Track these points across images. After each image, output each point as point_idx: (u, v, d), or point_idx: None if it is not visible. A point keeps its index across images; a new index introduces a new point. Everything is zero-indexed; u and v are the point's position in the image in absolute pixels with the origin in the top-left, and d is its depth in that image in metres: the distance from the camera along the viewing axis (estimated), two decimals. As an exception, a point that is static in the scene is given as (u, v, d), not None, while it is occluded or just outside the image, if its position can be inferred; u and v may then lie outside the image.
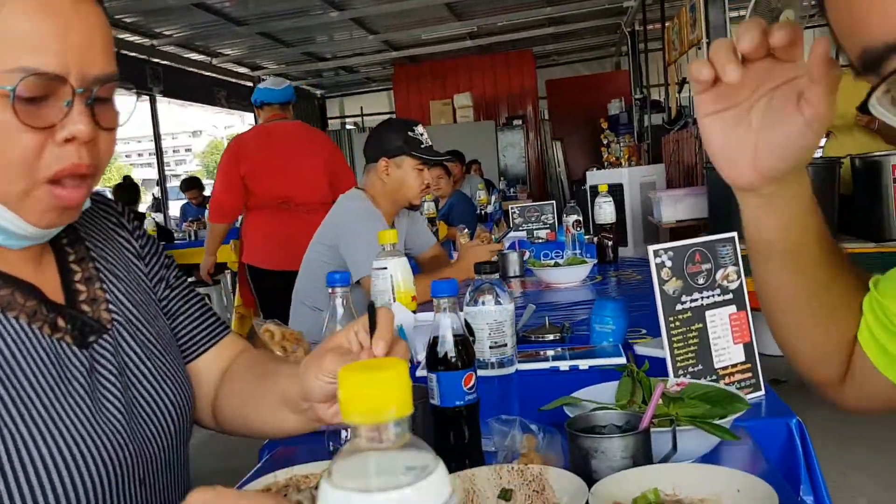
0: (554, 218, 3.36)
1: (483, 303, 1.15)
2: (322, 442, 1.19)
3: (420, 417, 1.10)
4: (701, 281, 1.28)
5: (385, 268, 1.56)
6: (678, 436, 0.99)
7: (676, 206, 5.08)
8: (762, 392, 1.32)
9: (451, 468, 1.03)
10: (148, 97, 8.77)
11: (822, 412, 1.42)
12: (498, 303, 1.16)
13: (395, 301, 1.53)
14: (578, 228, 3.05)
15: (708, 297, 1.29)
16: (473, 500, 0.91)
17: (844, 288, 0.85)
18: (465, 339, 1.04)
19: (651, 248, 1.24)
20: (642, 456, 0.93)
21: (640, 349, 1.35)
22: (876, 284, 0.84)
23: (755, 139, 0.74)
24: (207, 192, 8.93)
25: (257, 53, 10.19)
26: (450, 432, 1.03)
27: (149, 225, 5.83)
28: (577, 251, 3.04)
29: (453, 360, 1.02)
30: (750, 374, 1.31)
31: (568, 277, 2.70)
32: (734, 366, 1.30)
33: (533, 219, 3.35)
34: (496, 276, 1.15)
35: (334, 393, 0.87)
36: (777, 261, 0.83)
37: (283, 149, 4.11)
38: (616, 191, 6.34)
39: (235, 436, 1.11)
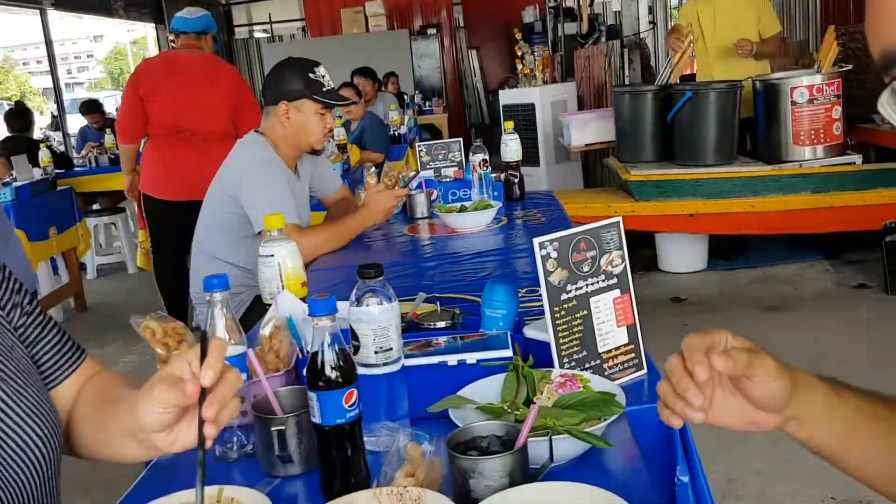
0: (461, 155, 3.33)
1: (367, 305, 1.14)
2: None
3: (305, 431, 1.10)
4: (586, 268, 1.30)
5: (272, 255, 1.52)
6: (554, 444, 1.02)
7: (585, 130, 5.12)
8: (644, 371, 1.36)
9: (335, 483, 1.04)
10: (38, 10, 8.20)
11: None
12: (382, 303, 1.14)
13: (283, 289, 1.50)
14: (485, 167, 3.04)
15: (593, 284, 1.31)
16: (352, 527, 0.92)
17: None
18: (345, 355, 1.03)
19: (536, 241, 1.24)
20: (519, 473, 0.96)
21: (530, 332, 1.37)
22: None
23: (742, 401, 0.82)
24: (111, 116, 8.50)
25: (154, -41, 9.56)
26: (332, 449, 1.03)
27: (44, 156, 5.53)
28: (485, 191, 3.04)
29: (333, 378, 1.01)
30: (633, 355, 1.35)
31: (473, 222, 2.71)
32: (617, 348, 1.33)
33: (440, 156, 3.31)
34: (380, 279, 1.14)
35: (169, 423, 0.87)
36: (843, 455, 0.87)
37: (184, 76, 4.08)
38: (528, 110, 6.36)
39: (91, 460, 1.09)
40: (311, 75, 2.67)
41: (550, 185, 6.23)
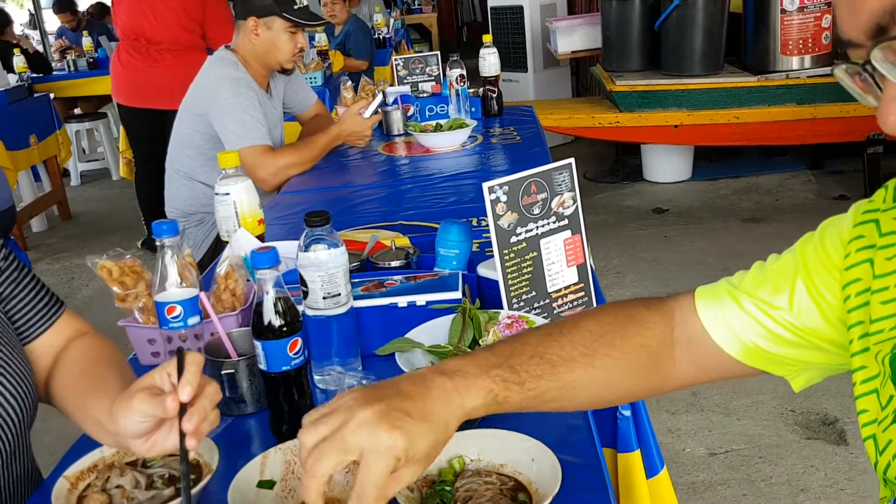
0: (439, 69, 3.28)
1: (315, 251, 1.16)
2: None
3: (256, 373, 1.13)
4: (536, 211, 1.31)
5: (227, 193, 1.52)
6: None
7: (572, 37, 5.01)
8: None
9: (284, 424, 1.09)
10: None
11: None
12: (330, 248, 1.16)
13: (240, 227, 1.51)
14: (462, 83, 3.00)
15: (543, 226, 1.32)
16: (295, 470, 0.97)
17: (595, 376, 0.85)
18: (289, 305, 1.05)
19: (486, 185, 1.25)
20: (454, 419, 1.00)
21: (483, 271, 1.39)
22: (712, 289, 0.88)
23: None
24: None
25: None
26: (279, 393, 1.07)
27: (19, 62, 5.40)
28: (462, 107, 3.01)
29: (277, 328, 1.04)
30: (583, 293, 1.38)
31: (447, 142, 2.70)
32: (567, 287, 1.36)
33: (417, 70, 3.26)
34: (328, 226, 1.15)
35: (146, 431, 0.87)
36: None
37: None
38: (516, 13, 6.20)
39: None
40: None
41: (538, 92, 6.15)
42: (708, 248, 4.14)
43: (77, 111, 6.99)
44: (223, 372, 1.14)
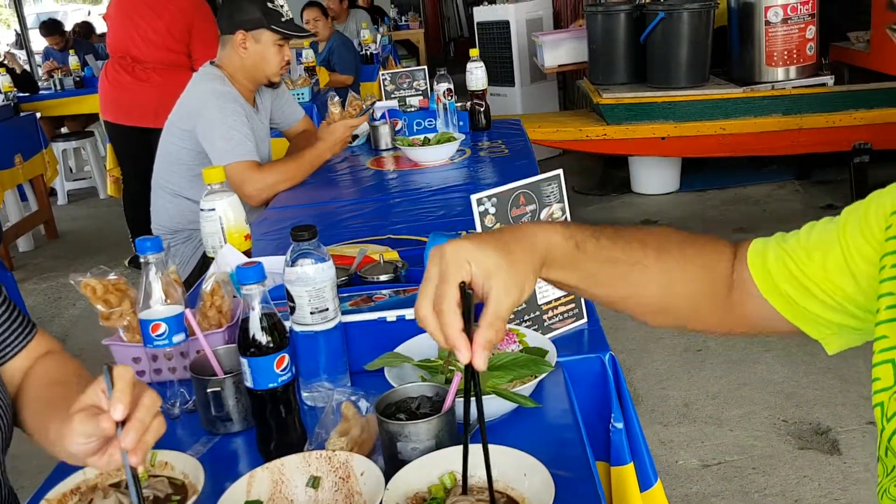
0: (426, 84, 3.28)
1: (301, 266, 1.14)
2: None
3: (243, 391, 1.12)
4: (525, 222, 1.30)
5: (213, 209, 1.51)
6: (484, 402, 1.04)
7: (559, 51, 5.03)
8: (584, 320, 1.39)
9: (271, 442, 1.07)
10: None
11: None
12: (317, 262, 1.15)
13: (226, 243, 1.49)
14: (450, 97, 2.99)
15: (532, 238, 1.31)
16: (282, 489, 0.95)
17: (665, 269, 0.91)
18: (276, 321, 1.04)
19: (474, 197, 1.24)
20: (446, 434, 0.98)
21: (472, 283, 1.38)
22: (766, 243, 0.92)
23: None
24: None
25: None
26: (266, 411, 1.05)
27: (4, 82, 5.37)
28: (449, 120, 3.00)
29: (264, 344, 1.02)
30: (573, 305, 1.37)
31: (435, 156, 2.69)
32: (557, 299, 1.35)
33: (405, 85, 3.26)
34: (314, 240, 1.13)
35: (95, 449, 0.84)
36: (583, 292, 0.96)
37: (133, 2, 4.09)
38: (503, 28, 6.23)
39: None
40: (269, 4, 2.60)
41: (525, 106, 6.16)
42: (697, 259, 4.14)
43: (64, 130, 6.96)
44: (209, 390, 1.12)
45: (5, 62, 6.37)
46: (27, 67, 7.96)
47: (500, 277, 0.80)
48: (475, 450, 0.96)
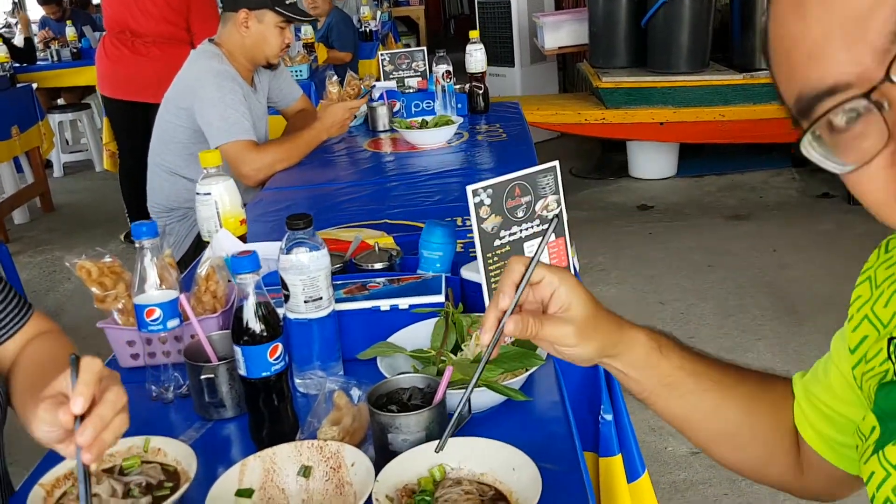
0: (425, 65, 3.26)
1: (296, 254, 1.15)
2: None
3: (236, 377, 1.12)
4: (520, 214, 1.30)
5: (209, 193, 1.50)
6: (474, 394, 1.05)
7: (559, 32, 5.00)
8: (577, 312, 1.39)
9: (264, 430, 1.08)
10: None
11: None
12: (312, 251, 1.15)
13: (221, 227, 1.49)
14: (448, 79, 2.98)
15: (527, 229, 1.31)
16: (273, 478, 0.96)
17: (745, 394, 0.88)
18: (269, 309, 1.04)
19: (469, 188, 1.24)
20: (436, 426, 0.99)
21: (466, 273, 1.38)
22: (802, 376, 0.86)
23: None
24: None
25: None
26: (259, 399, 1.06)
27: (0, 53, 5.32)
28: (448, 103, 2.99)
29: (257, 333, 1.03)
30: (566, 297, 1.38)
31: (433, 139, 2.68)
32: (551, 291, 1.36)
33: (403, 66, 3.24)
34: (309, 229, 1.14)
35: (58, 440, 0.83)
36: (655, 402, 0.91)
37: None
38: (503, 7, 6.18)
39: None
40: None
41: (524, 87, 6.13)
42: (692, 244, 4.16)
43: (60, 101, 6.91)
44: (202, 377, 1.13)
45: (18, 24, 6.28)
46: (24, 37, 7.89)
47: (577, 311, 0.81)
48: (463, 442, 0.98)
